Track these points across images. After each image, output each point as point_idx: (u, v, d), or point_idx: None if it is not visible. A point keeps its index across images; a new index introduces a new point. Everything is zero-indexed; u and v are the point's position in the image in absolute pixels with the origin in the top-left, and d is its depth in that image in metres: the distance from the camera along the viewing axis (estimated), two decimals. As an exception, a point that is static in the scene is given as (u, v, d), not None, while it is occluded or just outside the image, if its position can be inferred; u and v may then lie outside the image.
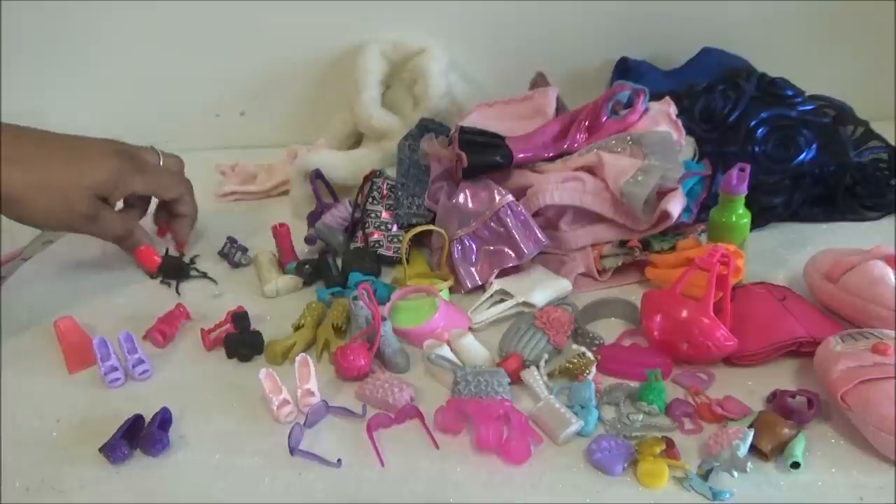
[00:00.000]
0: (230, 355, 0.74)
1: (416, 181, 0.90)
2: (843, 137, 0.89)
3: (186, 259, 0.90)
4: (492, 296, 0.78)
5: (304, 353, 0.70)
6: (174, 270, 0.87)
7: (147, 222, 0.92)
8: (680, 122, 0.86)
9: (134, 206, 0.90)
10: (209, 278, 0.88)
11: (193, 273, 0.88)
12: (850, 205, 0.89)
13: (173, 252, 0.91)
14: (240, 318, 0.75)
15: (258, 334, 0.75)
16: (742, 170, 0.74)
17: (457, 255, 0.81)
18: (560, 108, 0.93)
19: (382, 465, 0.61)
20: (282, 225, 0.87)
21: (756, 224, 0.80)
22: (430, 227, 0.82)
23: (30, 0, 1.09)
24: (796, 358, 0.68)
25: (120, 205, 0.88)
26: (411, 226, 0.84)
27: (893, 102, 1.08)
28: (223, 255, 0.90)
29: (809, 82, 0.92)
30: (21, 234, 0.98)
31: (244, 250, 0.90)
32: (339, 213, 0.89)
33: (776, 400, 0.63)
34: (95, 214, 0.81)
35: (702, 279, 0.68)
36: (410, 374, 0.71)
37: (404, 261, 0.82)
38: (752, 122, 0.89)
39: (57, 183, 0.77)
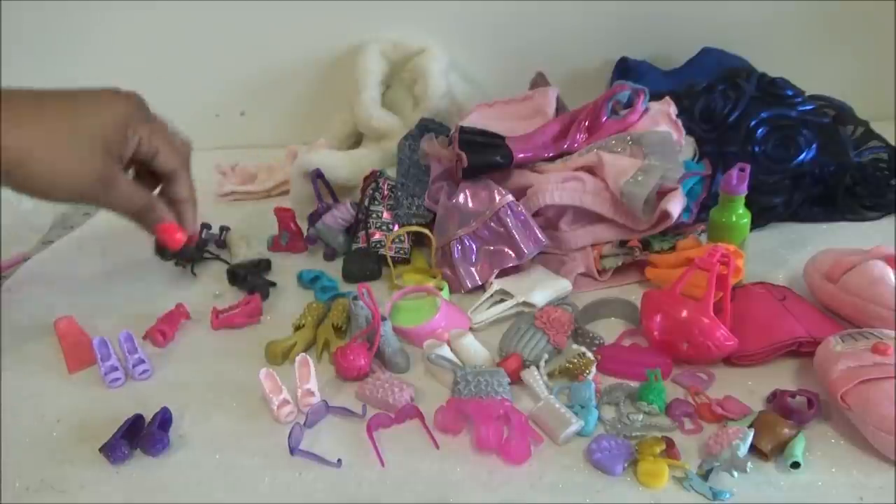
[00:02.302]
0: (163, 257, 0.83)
1: (416, 181, 0.90)
2: (843, 137, 0.89)
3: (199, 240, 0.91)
4: (492, 296, 0.78)
5: (304, 353, 0.70)
6: (188, 252, 0.87)
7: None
8: (680, 122, 0.86)
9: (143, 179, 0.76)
10: (223, 260, 0.90)
11: (207, 255, 0.90)
12: (850, 205, 0.89)
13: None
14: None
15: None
16: (742, 170, 0.74)
17: (457, 255, 0.81)
18: (560, 108, 0.93)
19: (382, 465, 0.60)
20: (286, 210, 0.91)
21: (756, 224, 0.80)
22: (418, 228, 0.83)
23: (30, 0, 1.09)
24: (796, 358, 0.68)
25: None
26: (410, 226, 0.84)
27: (893, 102, 1.08)
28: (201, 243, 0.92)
29: (809, 82, 0.92)
30: (22, 238, 0.98)
31: (208, 228, 0.93)
32: (339, 214, 0.89)
33: (776, 400, 0.63)
34: (109, 176, 0.68)
35: (702, 279, 0.68)
36: (410, 374, 0.71)
37: (389, 261, 0.83)
38: (752, 122, 0.89)
39: (60, 136, 0.66)
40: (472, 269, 0.81)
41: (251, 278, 0.84)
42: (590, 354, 0.68)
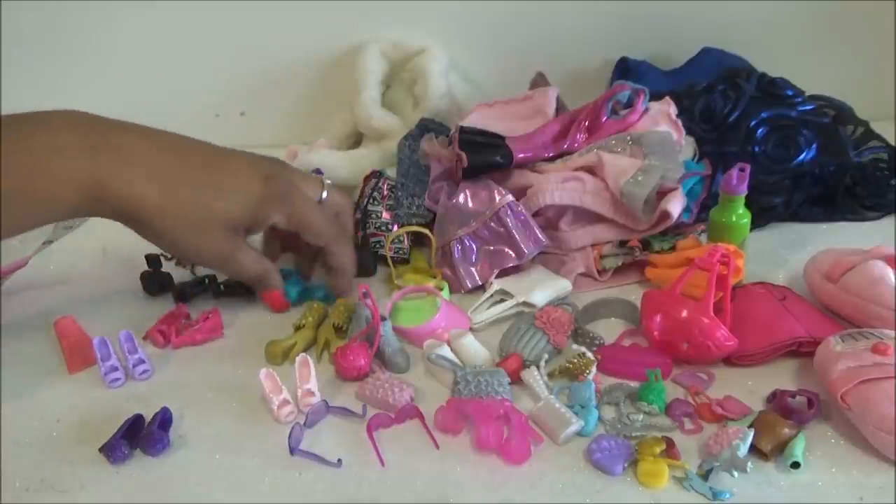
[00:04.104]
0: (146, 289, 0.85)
1: (416, 181, 0.90)
2: (843, 137, 0.89)
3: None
4: (492, 296, 0.78)
5: (304, 353, 0.70)
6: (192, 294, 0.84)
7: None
8: (680, 122, 0.86)
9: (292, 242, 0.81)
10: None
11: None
12: (850, 205, 0.89)
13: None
14: (153, 261, 0.84)
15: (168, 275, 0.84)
16: (742, 170, 0.74)
17: (457, 255, 0.81)
18: (560, 108, 0.93)
19: (382, 465, 0.60)
20: None
21: (756, 224, 0.80)
22: (418, 228, 0.83)
23: (30, 0, 1.09)
24: (796, 358, 0.68)
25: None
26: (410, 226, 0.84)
27: (893, 102, 1.08)
28: None
29: (809, 82, 0.92)
30: (26, 239, 0.98)
31: None
32: (339, 213, 0.89)
33: (776, 400, 0.63)
34: (228, 254, 0.73)
35: (702, 279, 0.68)
36: (410, 374, 0.71)
37: (389, 261, 0.83)
38: (752, 122, 0.89)
39: (190, 212, 0.69)
40: (472, 269, 0.81)
41: (196, 293, 0.84)
42: (590, 354, 0.68)
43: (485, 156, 0.82)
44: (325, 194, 0.78)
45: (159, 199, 0.69)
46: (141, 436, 0.63)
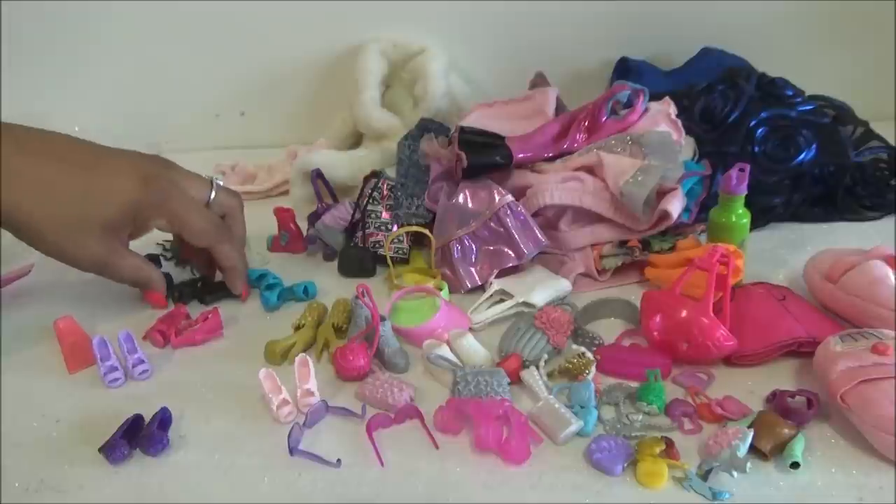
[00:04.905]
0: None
1: (415, 181, 0.90)
2: (843, 137, 0.89)
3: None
4: (492, 296, 0.78)
5: (303, 353, 0.70)
6: (191, 295, 0.84)
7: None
8: (680, 122, 0.86)
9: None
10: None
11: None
12: (850, 205, 0.89)
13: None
14: (153, 261, 0.85)
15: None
16: (742, 170, 0.74)
17: (457, 255, 0.81)
18: (560, 108, 0.94)
19: (382, 465, 0.60)
20: (286, 210, 0.91)
21: (756, 224, 0.80)
22: (418, 228, 0.83)
23: (30, 1, 1.09)
24: (796, 358, 0.68)
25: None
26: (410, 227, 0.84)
27: (893, 102, 1.08)
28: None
29: (809, 82, 0.92)
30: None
31: None
32: (339, 214, 0.89)
33: (776, 400, 0.63)
34: (105, 260, 0.73)
35: (701, 279, 0.68)
36: (410, 374, 0.71)
37: (389, 261, 0.83)
38: (752, 122, 0.89)
39: (64, 218, 0.69)
40: (472, 270, 0.81)
41: (193, 295, 0.84)
42: (589, 354, 0.68)
43: (485, 156, 0.82)
44: (213, 195, 0.78)
45: (32, 206, 0.69)
46: (141, 436, 0.63)
